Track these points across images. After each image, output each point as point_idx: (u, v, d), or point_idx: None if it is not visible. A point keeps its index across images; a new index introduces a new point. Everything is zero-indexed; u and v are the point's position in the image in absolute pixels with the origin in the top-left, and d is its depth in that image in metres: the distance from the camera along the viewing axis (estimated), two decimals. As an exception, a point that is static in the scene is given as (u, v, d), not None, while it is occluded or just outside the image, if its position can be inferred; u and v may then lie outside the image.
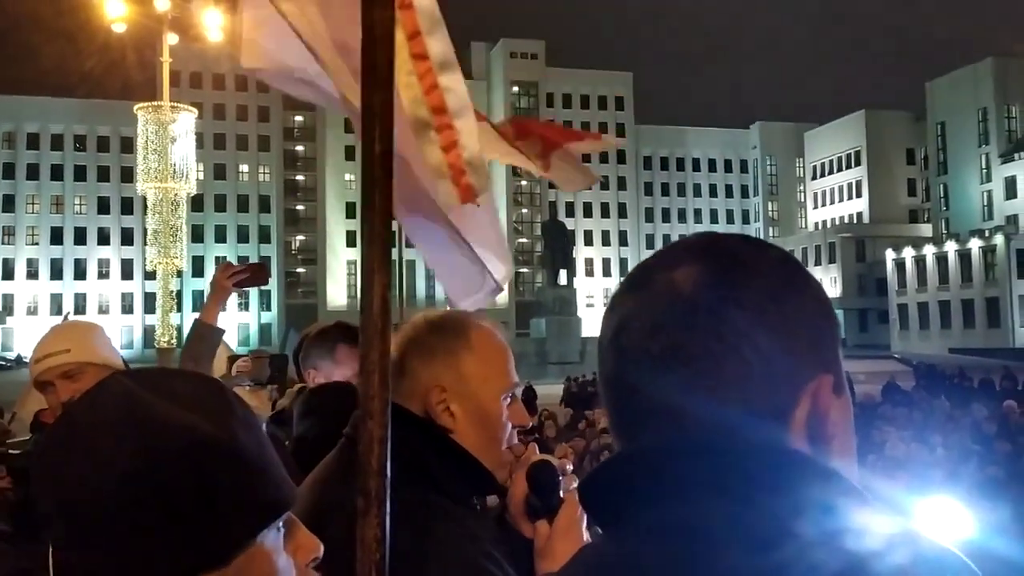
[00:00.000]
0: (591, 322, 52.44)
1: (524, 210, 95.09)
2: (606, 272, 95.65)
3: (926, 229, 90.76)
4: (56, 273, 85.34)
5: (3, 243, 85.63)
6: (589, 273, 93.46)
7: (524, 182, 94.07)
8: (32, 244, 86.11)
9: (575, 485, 1.60)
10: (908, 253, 77.42)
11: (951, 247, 73.17)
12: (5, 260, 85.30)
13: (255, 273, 3.32)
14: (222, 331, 3.24)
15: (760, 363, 0.77)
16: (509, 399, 1.62)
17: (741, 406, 0.77)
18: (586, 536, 1.54)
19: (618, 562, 0.78)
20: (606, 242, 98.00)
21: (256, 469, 0.87)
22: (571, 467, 1.66)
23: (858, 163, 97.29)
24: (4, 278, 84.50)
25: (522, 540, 1.59)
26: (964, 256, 71.67)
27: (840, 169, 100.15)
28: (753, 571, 0.70)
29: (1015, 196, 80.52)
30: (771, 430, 0.77)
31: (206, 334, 3.17)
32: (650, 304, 0.81)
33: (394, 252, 1.08)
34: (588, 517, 0.89)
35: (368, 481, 1.00)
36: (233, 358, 3.33)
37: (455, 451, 1.53)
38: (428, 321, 1.62)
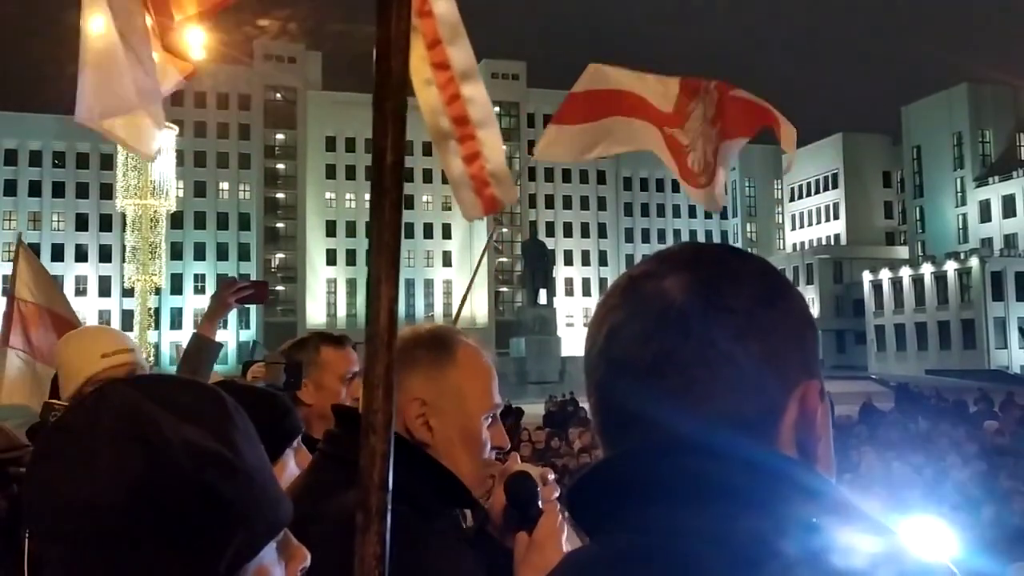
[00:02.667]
0: (571, 342, 52.42)
1: (504, 229, 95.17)
2: (586, 292, 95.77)
3: (902, 251, 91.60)
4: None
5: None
6: (569, 293, 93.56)
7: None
8: (8, 260, 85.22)
9: (556, 495, 1.60)
10: (885, 275, 78.03)
11: (927, 269, 73.83)
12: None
13: (258, 290, 3.36)
14: (220, 345, 3.27)
15: (752, 368, 0.78)
16: (490, 420, 1.61)
17: (734, 410, 0.78)
18: (566, 547, 1.53)
19: (602, 564, 0.78)
20: (586, 262, 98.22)
21: (259, 485, 0.86)
22: (553, 476, 1.65)
23: (835, 185, 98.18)
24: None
25: (504, 552, 1.59)
26: (940, 278, 72.33)
27: (818, 191, 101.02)
28: None
29: (989, 219, 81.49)
30: (762, 434, 0.77)
31: (204, 347, 3.20)
32: (641, 313, 0.81)
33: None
34: (576, 524, 0.88)
35: (369, 496, 0.98)
36: (248, 364, 3.33)
37: (428, 465, 1.51)
38: (415, 334, 1.60)
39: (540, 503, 1.59)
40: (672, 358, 0.78)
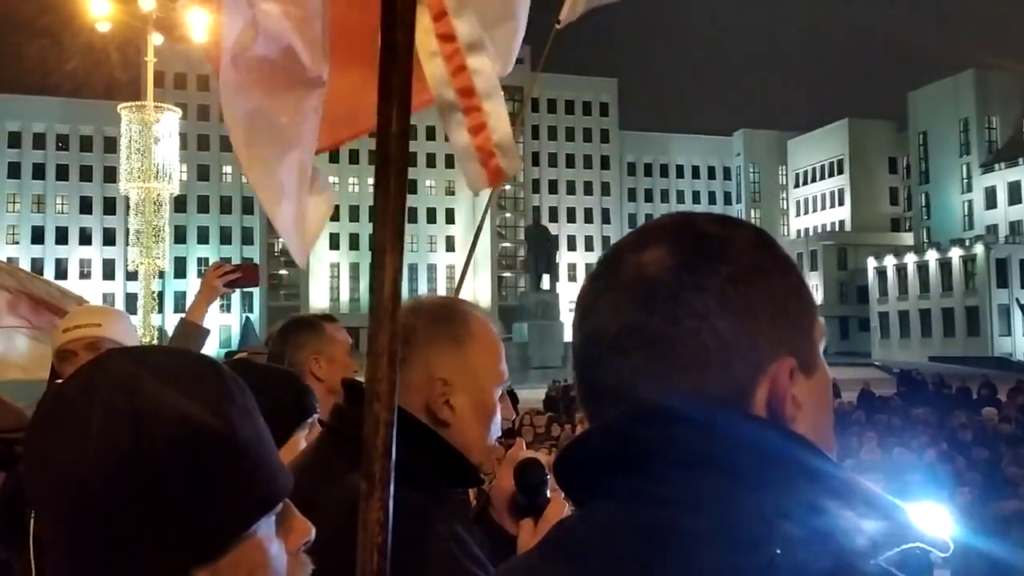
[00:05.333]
0: (574, 327, 52.22)
1: (507, 214, 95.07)
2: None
3: (907, 238, 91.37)
4: (36, 273, 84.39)
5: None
6: (572, 278, 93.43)
7: (508, 187, 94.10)
8: (13, 243, 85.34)
9: None
10: (889, 261, 77.89)
11: (932, 256, 73.67)
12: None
13: (247, 273, 3.31)
14: (207, 331, 3.24)
15: (718, 346, 0.77)
16: (499, 392, 1.59)
17: (698, 388, 0.77)
18: None
19: (591, 532, 0.78)
20: (589, 247, 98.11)
21: (252, 460, 0.85)
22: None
23: (840, 171, 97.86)
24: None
25: (504, 535, 1.58)
26: (945, 265, 72.19)
27: (823, 177, 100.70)
28: (734, 572, 0.69)
29: (995, 206, 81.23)
30: (727, 410, 0.76)
31: (192, 332, 3.18)
32: (615, 286, 0.82)
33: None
34: (564, 494, 0.89)
35: (373, 464, 0.99)
36: (230, 354, 3.35)
37: (441, 448, 1.49)
38: (426, 309, 1.56)
39: (548, 491, 1.59)
40: (636, 333, 0.79)
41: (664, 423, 0.76)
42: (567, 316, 53.40)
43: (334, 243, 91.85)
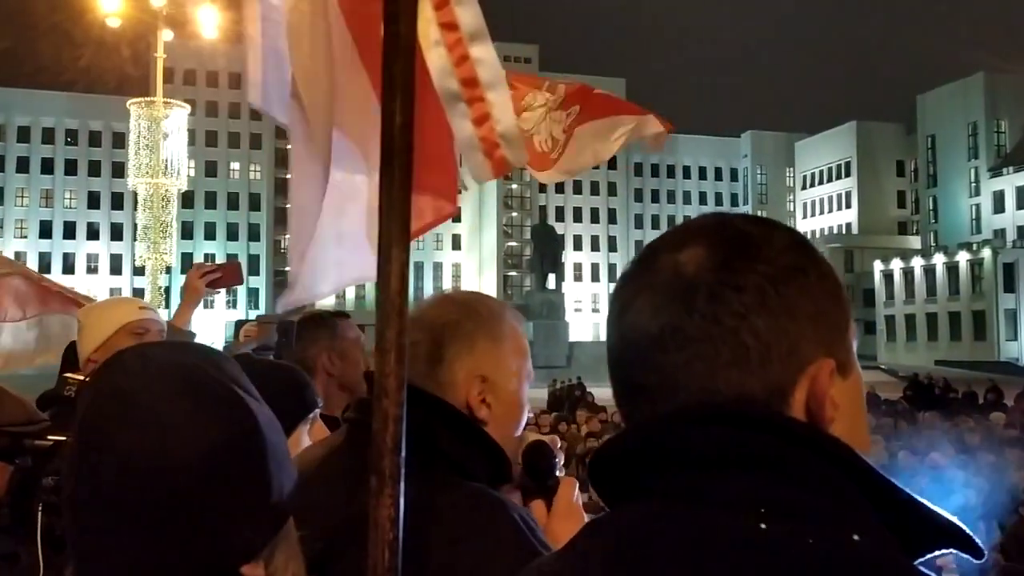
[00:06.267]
0: (579, 327, 52.46)
1: (514, 214, 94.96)
2: (594, 277, 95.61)
3: (914, 241, 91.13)
4: (44, 267, 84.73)
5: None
6: (578, 278, 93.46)
7: (515, 185, 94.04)
8: (21, 238, 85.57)
9: (561, 461, 1.59)
10: (896, 264, 77.67)
11: (939, 259, 73.46)
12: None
13: (228, 272, 3.28)
14: (193, 334, 3.26)
15: (758, 346, 0.77)
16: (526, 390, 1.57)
17: (738, 389, 0.77)
18: (585, 517, 1.50)
19: (625, 531, 0.78)
20: (595, 247, 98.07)
21: (285, 456, 0.87)
22: (560, 444, 1.62)
23: (848, 174, 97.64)
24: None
25: None
26: (952, 269, 71.96)
27: (830, 179, 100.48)
28: None
29: (1003, 210, 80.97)
30: (767, 412, 0.77)
31: (177, 336, 3.19)
32: (653, 285, 0.81)
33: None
34: (597, 494, 0.87)
35: (382, 460, 0.98)
36: (241, 323, 3.36)
37: (489, 445, 1.46)
38: (459, 304, 1.52)
39: (557, 473, 1.57)
40: (677, 333, 0.78)
41: (704, 424, 0.76)
42: (572, 316, 53.49)
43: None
